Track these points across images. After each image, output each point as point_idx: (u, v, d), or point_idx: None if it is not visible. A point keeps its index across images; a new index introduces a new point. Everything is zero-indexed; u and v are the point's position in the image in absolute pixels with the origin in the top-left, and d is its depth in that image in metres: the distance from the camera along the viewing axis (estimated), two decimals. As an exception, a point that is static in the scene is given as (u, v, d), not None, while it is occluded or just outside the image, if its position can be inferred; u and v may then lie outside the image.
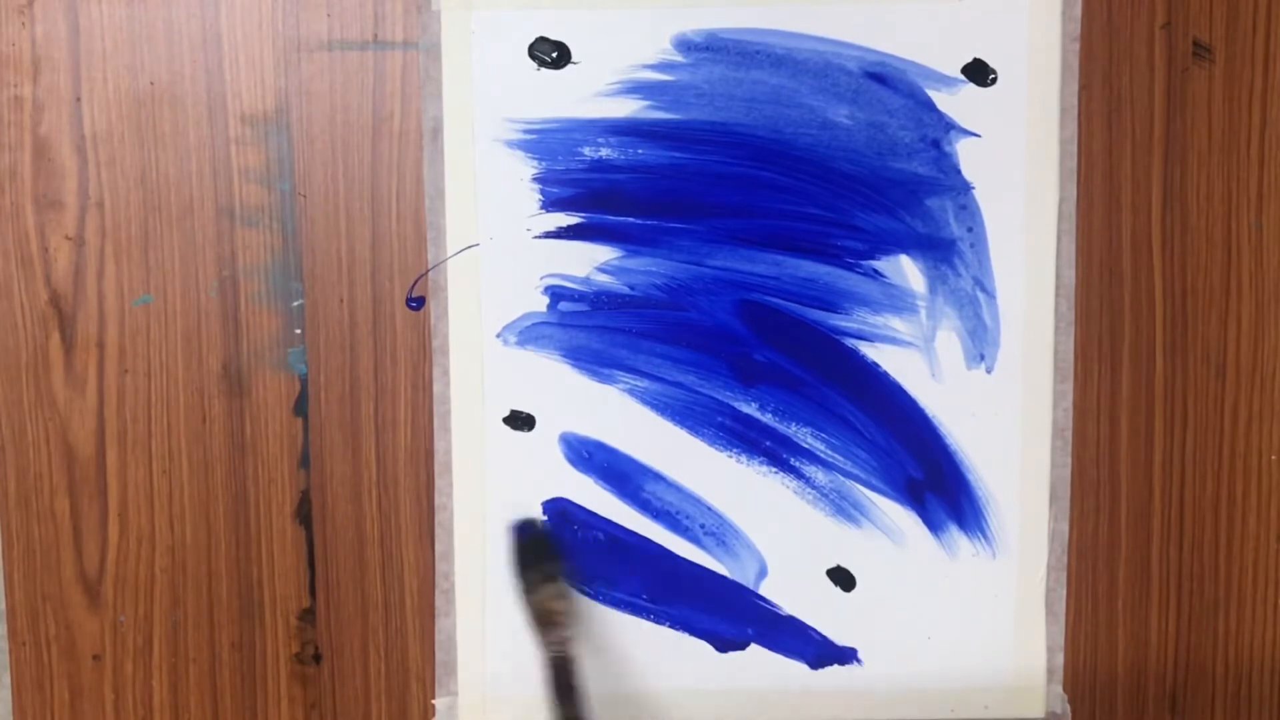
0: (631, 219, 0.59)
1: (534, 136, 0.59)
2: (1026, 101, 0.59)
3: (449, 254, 0.60)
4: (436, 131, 0.59)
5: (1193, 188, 0.60)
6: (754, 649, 0.62)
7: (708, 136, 0.59)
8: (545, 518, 0.60)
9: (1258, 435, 0.61)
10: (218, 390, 0.61)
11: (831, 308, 0.60)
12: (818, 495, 0.61)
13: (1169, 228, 0.60)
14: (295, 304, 0.60)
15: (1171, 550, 0.62)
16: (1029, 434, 0.61)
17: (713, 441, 0.61)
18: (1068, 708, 0.62)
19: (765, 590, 0.62)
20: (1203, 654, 0.62)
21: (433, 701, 0.62)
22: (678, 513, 0.61)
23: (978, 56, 0.58)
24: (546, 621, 0.57)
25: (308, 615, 0.62)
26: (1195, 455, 0.61)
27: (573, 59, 0.58)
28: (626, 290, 0.60)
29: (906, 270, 0.60)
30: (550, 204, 0.59)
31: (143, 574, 0.62)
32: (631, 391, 0.60)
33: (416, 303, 0.60)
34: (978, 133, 0.59)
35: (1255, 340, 0.61)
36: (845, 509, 0.61)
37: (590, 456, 0.61)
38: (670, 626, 0.62)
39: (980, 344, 0.60)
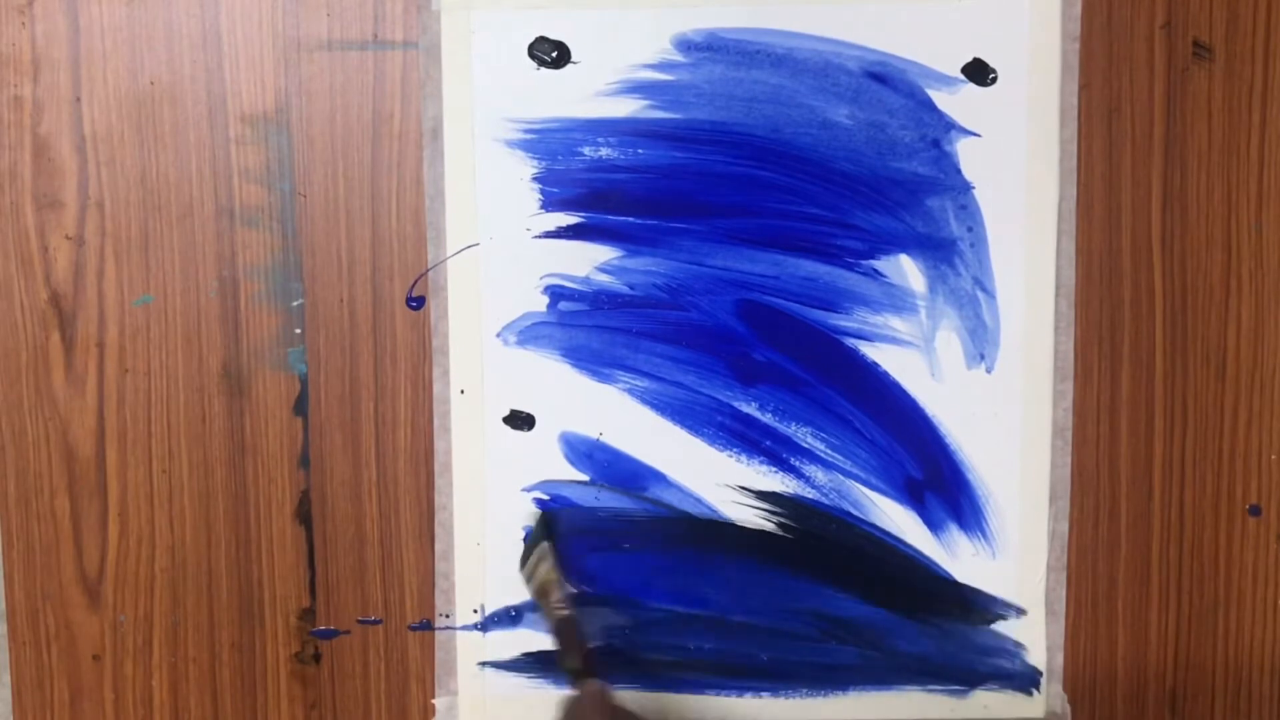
0: (631, 219, 0.59)
1: (534, 136, 0.59)
2: (1026, 101, 0.59)
3: (449, 254, 0.60)
4: (436, 131, 0.59)
5: (1193, 188, 0.60)
6: (754, 649, 0.62)
7: (708, 136, 0.59)
8: (541, 511, 0.61)
9: (1258, 435, 0.61)
10: (218, 390, 0.61)
11: (831, 307, 0.60)
12: (818, 495, 0.61)
13: (1169, 228, 0.60)
14: (295, 304, 0.60)
15: (1171, 550, 0.62)
16: (1029, 434, 0.61)
17: (713, 441, 0.61)
18: (1068, 708, 0.62)
19: (765, 590, 0.62)
20: (1203, 654, 0.62)
21: (433, 701, 0.62)
22: (677, 512, 0.61)
23: (978, 56, 0.58)
24: (546, 591, 0.59)
25: (308, 615, 0.62)
26: (1195, 455, 0.61)
27: (573, 59, 0.58)
28: (626, 290, 0.60)
29: (906, 270, 0.60)
30: (550, 204, 0.59)
31: (143, 574, 0.62)
32: (631, 391, 0.60)
33: (416, 303, 0.60)
34: (978, 132, 0.59)
35: (1255, 340, 0.61)
36: (845, 508, 0.61)
37: (590, 456, 0.61)
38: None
39: (980, 344, 0.60)
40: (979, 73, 0.59)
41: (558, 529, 0.61)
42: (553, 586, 0.59)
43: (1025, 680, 0.62)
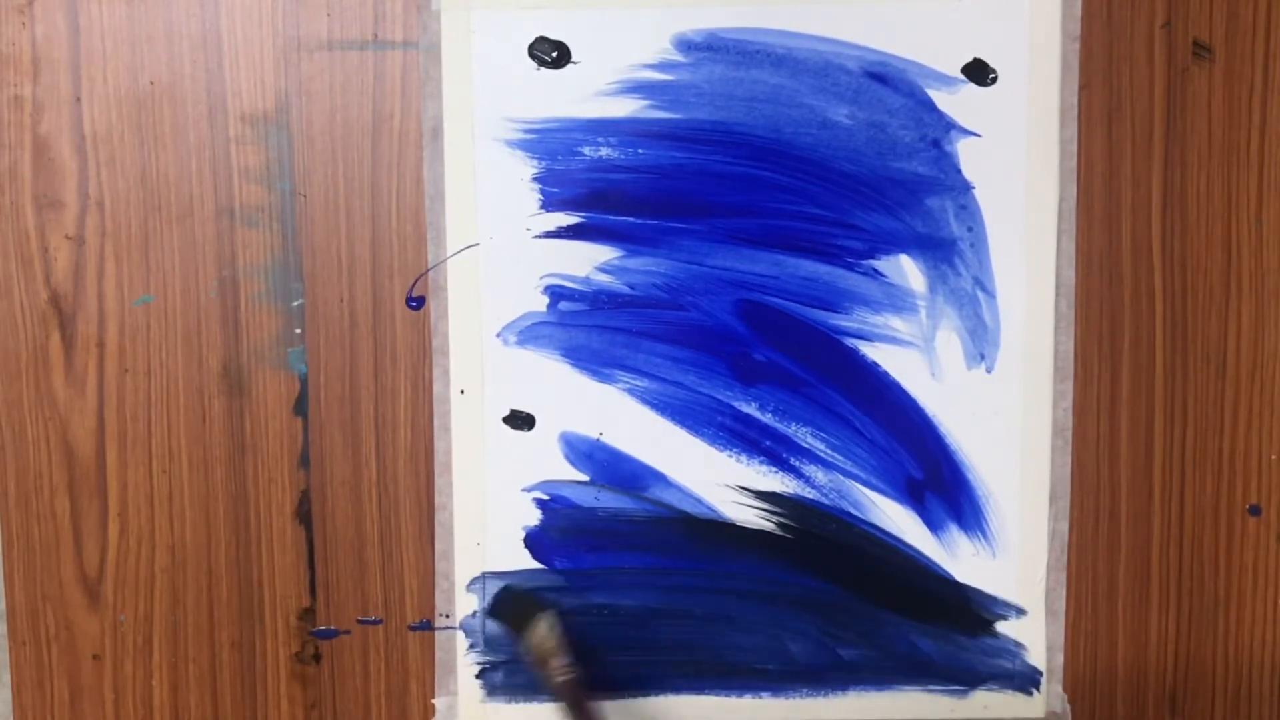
0: (631, 219, 0.59)
1: (534, 136, 0.59)
2: (1026, 101, 0.59)
3: (449, 254, 0.60)
4: (436, 131, 0.59)
5: (1193, 188, 0.60)
6: (754, 649, 0.62)
7: (708, 136, 0.59)
8: (512, 584, 0.61)
9: (1258, 435, 0.61)
10: (218, 390, 0.61)
11: (831, 307, 0.60)
12: (818, 495, 0.61)
13: (1169, 228, 0.60)
14: (295, 304, 0.60)
15: (1171, 550, 0.62)
16: (1029, 434, 0.61)
17: (713, 441, 0.61)
18: (1068, 708, 0.62)
19: (765, 590, 0.62)
20: (1203, 654, 0.62)
21: (433, 701, 0.62)
22: (677, 512, 0.61)
23: (978, 56, 0.59)
24: (545, 655, 0.58)
25: (308, 615, 0.62)
26: (1195, 455, 0.61)
27: (573, 59, 0.58)
28: (626, 290, 0.60)
29: (906, 270, 0.60)
30: (550, 204, 0.59)
31: (143, 574, 0.62)
32: (631, 391, 0.60)
33: (416, 303, 0.60)
34: (978, 132, 0.59)
35: (1255, 340, 0.61)
36: (845, 508, 0.61)
37: (590, 456, 0.61)
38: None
39: (980, 344, 0.60)
40: (979, 73, 0.59)
41: (538, 597, 0.61)
42: (556, 649, 0.58)
43: (1025, 680, 0.62)
